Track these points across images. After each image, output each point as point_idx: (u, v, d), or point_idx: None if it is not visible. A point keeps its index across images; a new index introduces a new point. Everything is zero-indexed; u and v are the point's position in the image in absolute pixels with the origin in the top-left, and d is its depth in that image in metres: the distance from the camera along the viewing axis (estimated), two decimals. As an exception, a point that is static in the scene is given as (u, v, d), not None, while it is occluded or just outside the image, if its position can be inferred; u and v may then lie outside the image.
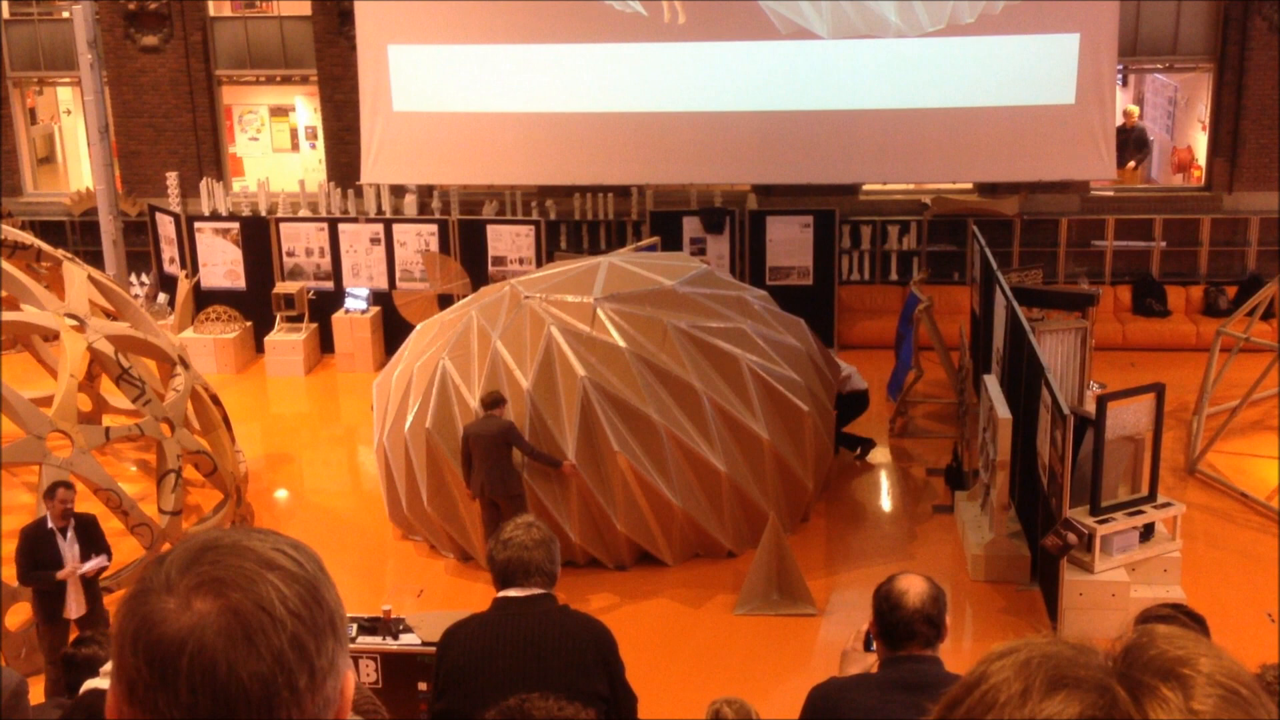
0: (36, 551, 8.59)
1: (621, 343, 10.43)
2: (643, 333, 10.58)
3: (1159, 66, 17.90)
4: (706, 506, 10.61)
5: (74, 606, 8.68)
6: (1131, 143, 17.60)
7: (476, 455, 9.93)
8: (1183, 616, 4.60)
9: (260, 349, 15.92)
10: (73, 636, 7.46)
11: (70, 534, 8.63)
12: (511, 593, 4.65)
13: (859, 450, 12.78)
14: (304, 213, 16.52)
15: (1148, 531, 9.68)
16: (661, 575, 10.49)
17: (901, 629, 3.91)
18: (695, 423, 10.41)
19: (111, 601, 9.60)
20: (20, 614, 9.10)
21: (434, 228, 15.92)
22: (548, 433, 10.33)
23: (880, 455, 13.00)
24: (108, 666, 3.90)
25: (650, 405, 10.25)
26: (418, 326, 12.01)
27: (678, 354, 10.46)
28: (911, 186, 17.56)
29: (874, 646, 4.15)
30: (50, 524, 8.61)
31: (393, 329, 15.87)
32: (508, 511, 9.87)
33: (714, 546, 10.77)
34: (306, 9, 17.67)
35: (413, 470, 10.76)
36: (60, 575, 8.55)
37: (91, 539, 8.75)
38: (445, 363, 10.69)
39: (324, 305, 15.92)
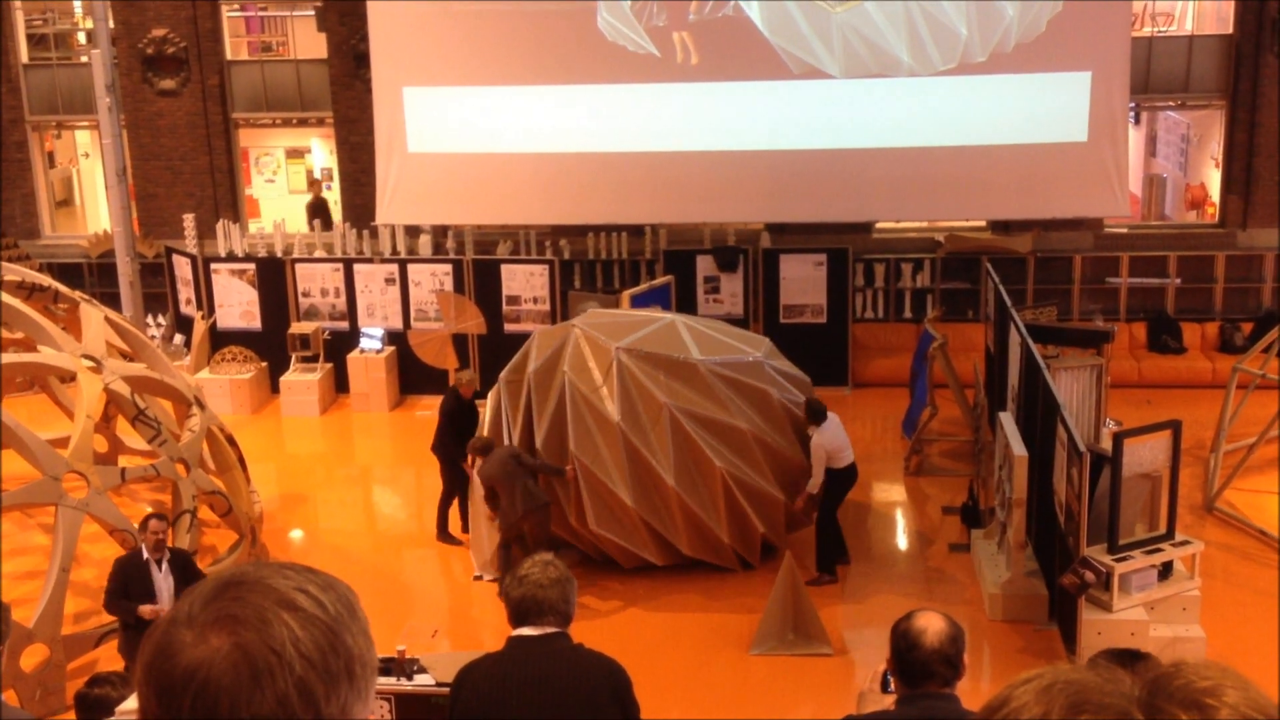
0: (130, 582, 8.37)
1: (616, 416, 10.44)
2: (644, 405, 10.55)
3: (1171, 104, 17.94)
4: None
5: None
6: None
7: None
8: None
9: (276, 389, 15.96)
10: None
11: (165, 566, 8.46)
12: (526, 631, 4.64)
13: (822, 575, 10.94)
14: (319, 253, 16.61)
15: (1166, 570, 9.61)
16: (677, 614, 10.45)
17: (919, 668, 3.86)
18: (662, 513, 10.64)
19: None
20: (35, 655, 9.08)
21: (448, 267, 15.98)
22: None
23: (896, 493, 12.95)
24: (123, 706, 3.89)
25: (625, 489, 10.43)
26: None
27: (665, 441, 10.47)
28: (925, 224, 17.58)
29: (891, 687, 4.12)
30: (146, 555, 8.46)
31: (407, 369, 15.93)
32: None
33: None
34: (323, 52, 17.84)
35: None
36: (143, 611, 8.27)
37: (188, 576, 8.47)
38: (501, 385, 10.97)
39: (339, 345, 15.97)
